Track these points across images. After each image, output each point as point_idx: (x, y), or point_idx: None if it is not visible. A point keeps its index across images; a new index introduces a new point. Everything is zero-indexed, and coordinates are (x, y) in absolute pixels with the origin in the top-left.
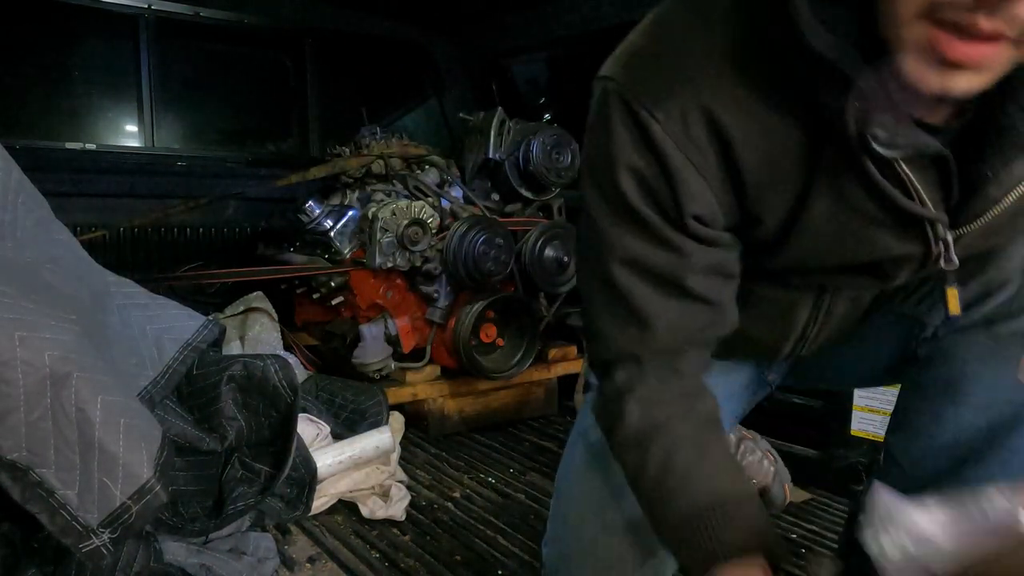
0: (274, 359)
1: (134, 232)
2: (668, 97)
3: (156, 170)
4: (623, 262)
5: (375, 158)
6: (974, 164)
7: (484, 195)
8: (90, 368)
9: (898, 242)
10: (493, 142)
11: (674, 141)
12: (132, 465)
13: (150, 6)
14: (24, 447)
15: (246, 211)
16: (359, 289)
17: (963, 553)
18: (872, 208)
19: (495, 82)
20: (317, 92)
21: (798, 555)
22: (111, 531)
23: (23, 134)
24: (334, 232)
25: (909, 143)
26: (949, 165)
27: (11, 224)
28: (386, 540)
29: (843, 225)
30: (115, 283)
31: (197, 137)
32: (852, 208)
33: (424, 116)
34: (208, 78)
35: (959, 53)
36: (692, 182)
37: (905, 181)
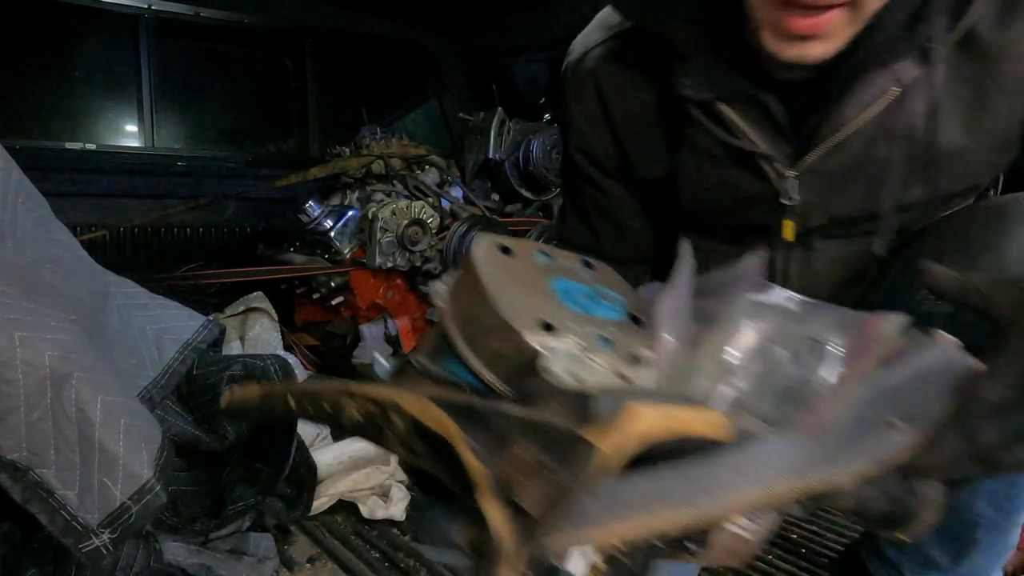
0: (274, 359)
1: (134, 232)
2: (575, 64)
3: (156, 170)
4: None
5: (375, 158)
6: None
7: (484, 195)
8: (90, 368)
9: (748, 181)
10: (493, 142)
11: (574, 95)
12: (132, 465)
13: (150, 6)
14: (24, 447)
15: (246, 211)
16: (359, 289)
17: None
18: (717, 150)
19: (495, 82)
20: (317, 92)
21: (798, 555)
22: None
23: (23, 134)
24: (334, 232)
25: (720, 86)
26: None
27: (11, 224)
28: (386, 540)
29: (707, 170)
30: (115, 283)
31: (197, 137)
32: (704, 153)
33: (424, 116)
34: (208, 78)
35: (803, 26)
36: (576, 122)
37: (727, 120)
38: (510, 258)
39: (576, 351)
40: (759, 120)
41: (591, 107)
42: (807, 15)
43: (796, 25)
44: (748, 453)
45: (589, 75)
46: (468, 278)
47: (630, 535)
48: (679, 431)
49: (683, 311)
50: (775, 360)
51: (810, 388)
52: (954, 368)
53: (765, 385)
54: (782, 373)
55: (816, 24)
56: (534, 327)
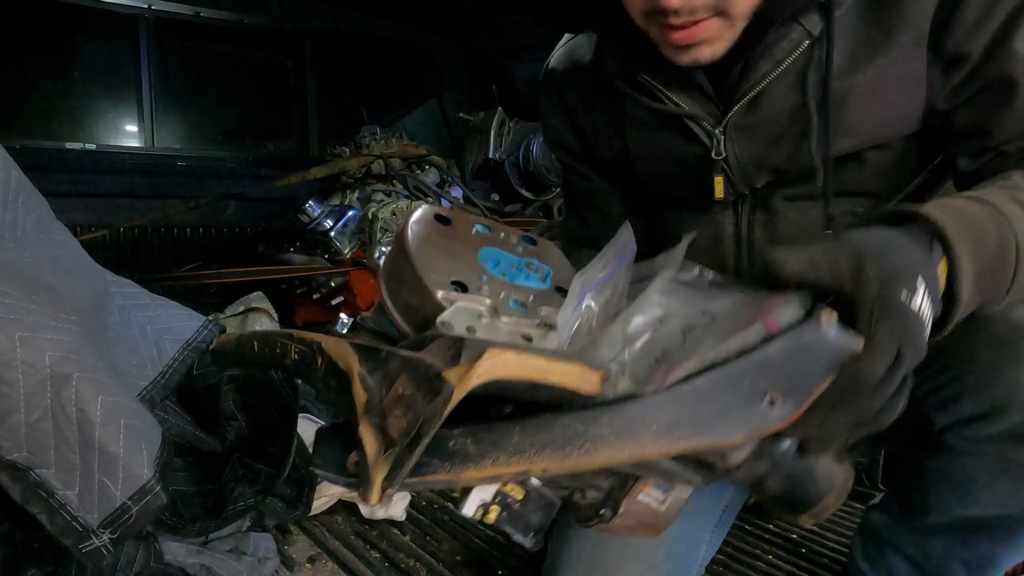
0: None
1: (134, 232)
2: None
3: (156, 170)
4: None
5: (375, 158)
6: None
7: (484, 195)
8: (90, 368)
9: (684, 144)
10: (493, 142)
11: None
12: (132, 466)
13: (150, 6)
14: (24, 448)
15: (246, 211)
16: (359, 289)
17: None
18: (650, 119)
19: (495, 82)
20: (317, 92)
21: (798, 555)
22: (111, 531)
23: (23, 134)
24: (334, 232)
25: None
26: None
27: (11, 224)
28: (386, 540)
29: (648, 140)
30: (115, 283)
31: (197, 137)
32: (642, 124)
33: (424, 116)
34: (208, 78)
35: (681, 38)
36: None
37: (652, 89)
38: (446, 226)
39: (483, 310)
40: (682, 84)
41: (554, 101)
42: (682, 28)
43: (675, 38)
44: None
45: (550, 74)
46: (399, 241)
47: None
48: (537, 378)
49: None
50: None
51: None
52: (833, 345)
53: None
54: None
55: (692, 34)
56: (446, 285)
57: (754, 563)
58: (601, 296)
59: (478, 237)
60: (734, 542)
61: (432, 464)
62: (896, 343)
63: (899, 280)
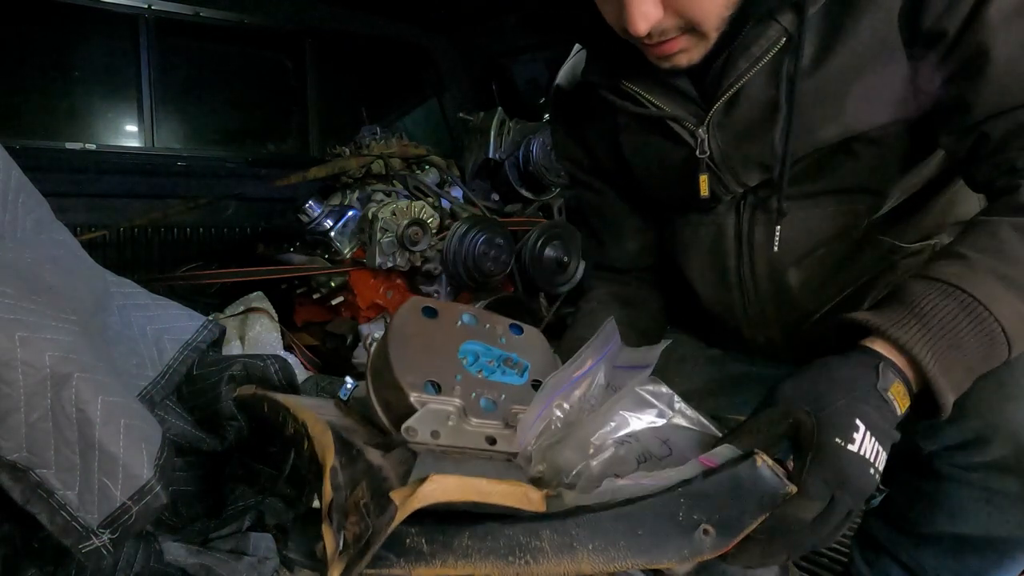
0: (274, 359)
1: (134, 232)
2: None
3: (156, 170)
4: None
5: (375, 158)
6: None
7: (484, 195)
8: (91, 368)
9: (671, 147)
10: (493, 142)
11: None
12: (132, 466)
13: (150, 6)
14: (24, 448)
15: (246, 211)
16: (359, 289)
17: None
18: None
19: (495, 82)
20: (317, 92)
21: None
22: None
23: (23, 134)
24: (334, 232)
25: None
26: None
27: (11, 224)
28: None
29: (643, 147)
30: (115, 283)
31: (197, 137)
32: (633, 131)
33: (424, 116)
34: (208, 78)
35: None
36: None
37: (635, 96)
38: (431, 320)
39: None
40: (664, 89)
41: (561, 117)
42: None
43: (652, 53)
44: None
45: (557, 91)
46: (385, 336)
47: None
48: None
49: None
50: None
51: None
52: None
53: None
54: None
55: (664, 50)
56: (420, 386)
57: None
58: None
59: (463, 330)
60: None
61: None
62: (829, 490)
63: (832, 428)
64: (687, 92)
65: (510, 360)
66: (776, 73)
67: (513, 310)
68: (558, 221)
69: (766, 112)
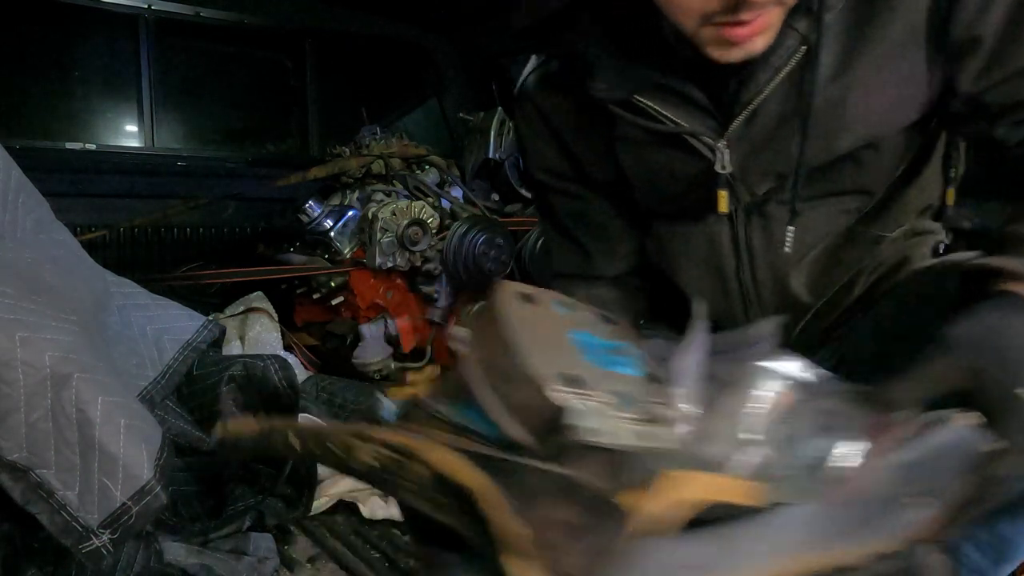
0: (274, 359)
1: (134, 232)
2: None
3: (156, 170)
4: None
5: (375, 158)
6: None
7: (484, 195)
8: (91, 369)
9: (685, 161)
10: (493, 142)
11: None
12: (132, 466)
13: (150, 6)
14: (25, 448)
15: (246, 211)
16: (359, 289)
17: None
18: (645, 138)
19: (495, 82)
20: (317, 92)
21: None
22: (111, 532)
23: (23, 134)
24: (334, 232)
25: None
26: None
27: (11, 224)
28: (387, 540)
29: (646, 159)
30: (115, 283)
31: (197, 137)
32: (638, 143)
33: (424, 116)
34: (208, 78)
35: (743, 34)
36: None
37: (647, 110)
38: (531, 306)
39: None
40: (678, 102)
41: (538, 126)
42: (745, 24)
43: (738, 35)
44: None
45: (528, 98)
46: (491, 326)
47: None
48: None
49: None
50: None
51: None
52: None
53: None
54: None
55: (755, 29)
56: (558, 382)
57: None
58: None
59: (562, 318)
60: None
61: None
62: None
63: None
64: (703, 105)
65: (621, 350)
66: (795, 83)
67: None
68: None
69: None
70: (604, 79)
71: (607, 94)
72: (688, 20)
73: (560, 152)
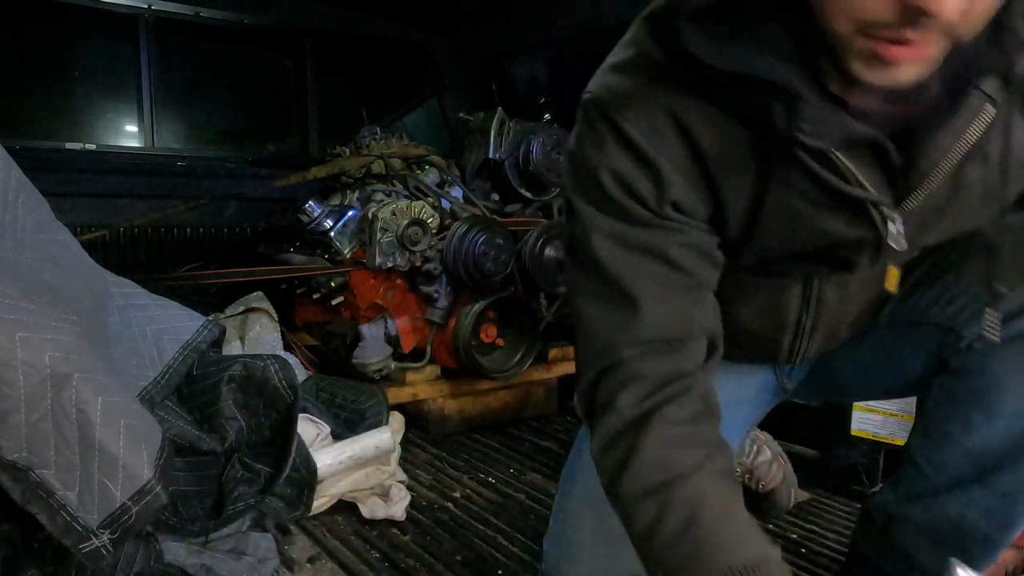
0: (274, 359)
1: (134, 232)
2: (636, 99)
3: (156, 170)
4: (606, 236)
5: (375, 158)
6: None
7: (484, 195)
8: (91, 369)
9: (848, 227)
10: (493, 142)
11: (643, 136)
12: (132, 466)
13: (150, 6)
14: (24, 448)
15: (246, 211)
16: (359, 289)
17: None
18: (817, 195)
19: (495, 82)
20: (317, 92)
21: (798, 555)
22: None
23: (23, 134)
24: (334, 232)
25: (837, 132)
26: (885, 147)
27: (11, 224)
28: (386, 540)
29: (796, 214)
30: (115, 283)
31: (197, 137)
32: (801, 197)
33: (424, 116)
34: (208, 78)
35: (898, 55)
36: (665, 171)
37: (840, 167)
38: None
39: None
40: (870, 164)
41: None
42: (904, 45)
43: (893, 55)
44: None
45: (664, 111)
46: None
47: None
48: None
49: None
50: None
51: None
52: None
53: None
54: None
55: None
56: None
57: None
58: None
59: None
60: None
61: None
62: None
63: None
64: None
65: None
66: (980, 151)
67: (513, 310)
68: (558, 221)
69: (969, 197)
70: (809, 123)
71: (811, 140)
72: (846, 24)
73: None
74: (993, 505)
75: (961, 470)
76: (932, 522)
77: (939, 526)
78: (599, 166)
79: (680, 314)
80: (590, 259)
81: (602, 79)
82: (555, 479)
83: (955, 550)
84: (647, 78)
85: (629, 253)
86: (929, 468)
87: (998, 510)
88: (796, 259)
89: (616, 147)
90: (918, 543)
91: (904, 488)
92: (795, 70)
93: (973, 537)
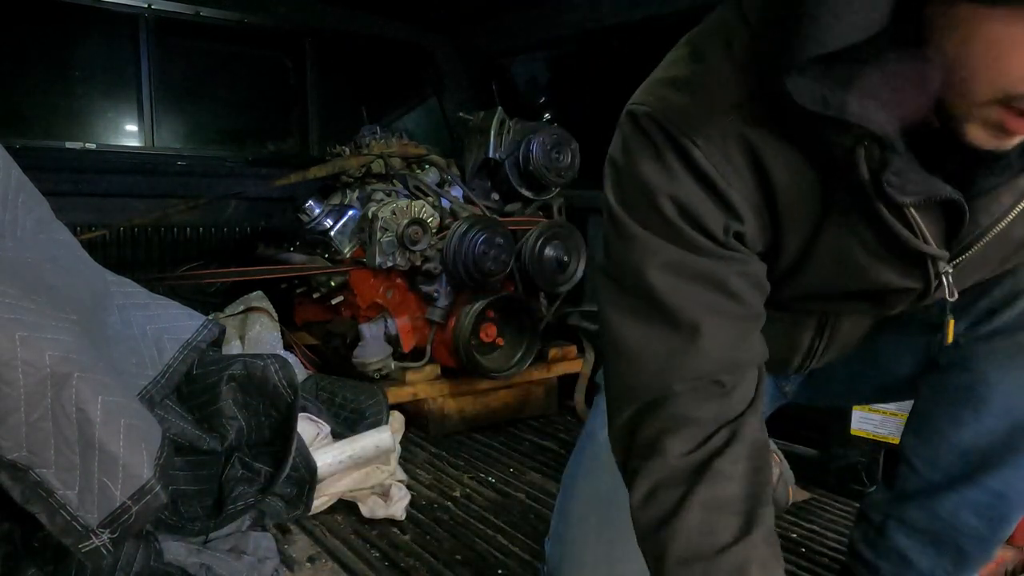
0: (274, 358)
1: (134, 232)
2: (708, 124)
3: (156, 170)
4: (662, 262)
5: (375, 158)
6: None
7: (484, 195)
8: (91, 368)
9: (900, 277)
10: (493, 142)
11: (714, 165)
12: (132, 465)
13: (150, 6)
14: (24, 447)
15: (246, 211)
16: (359, 289)
17: None
18: (878, 246)
19: (495, 82)
20: (317, 92)
21: (798, 555)
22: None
23: (23, 134)
24: (334, 232)
25: (922, 190)
26: (960, 207)
27: (11, 224)
28: (386, 540)
29: (849, 259)
30: (115, 283)
31: (197, 137)
32: (860, 244)
33: (424, 116)
34: (208, 78)
35: (1020, 128)
36: (736, 205)
37: (911, 222)
38: None
39: None
40: (936, 219)
41: (747, 181)
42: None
43: (1017, 126)
44: None
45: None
46: None
47: None
48: None
49: None
50: None
51: None
52: None
53: None
54: None
55: None
56: None
57: None
58: None
59: None
60: None
61: None
62: None
63: None
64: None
65: None
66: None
67: (513, 310)
68: (558, 221)
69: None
70: (898, 176)
71: (897, 194)
72: (988, 91)
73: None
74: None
75: (953, 468)
76: (927, 521)
77: (933, 525)
78: (659, 190)
79: (736, 345)
80: (641, 283)
81: (660, 92)
82: (555, 478)
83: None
84: (721, 104)
85: (687, 281)
86: (922, 466)
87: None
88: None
89: (684, 174)
90: (914, 542)
91: (898, 487)
92: (893, 121)
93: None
